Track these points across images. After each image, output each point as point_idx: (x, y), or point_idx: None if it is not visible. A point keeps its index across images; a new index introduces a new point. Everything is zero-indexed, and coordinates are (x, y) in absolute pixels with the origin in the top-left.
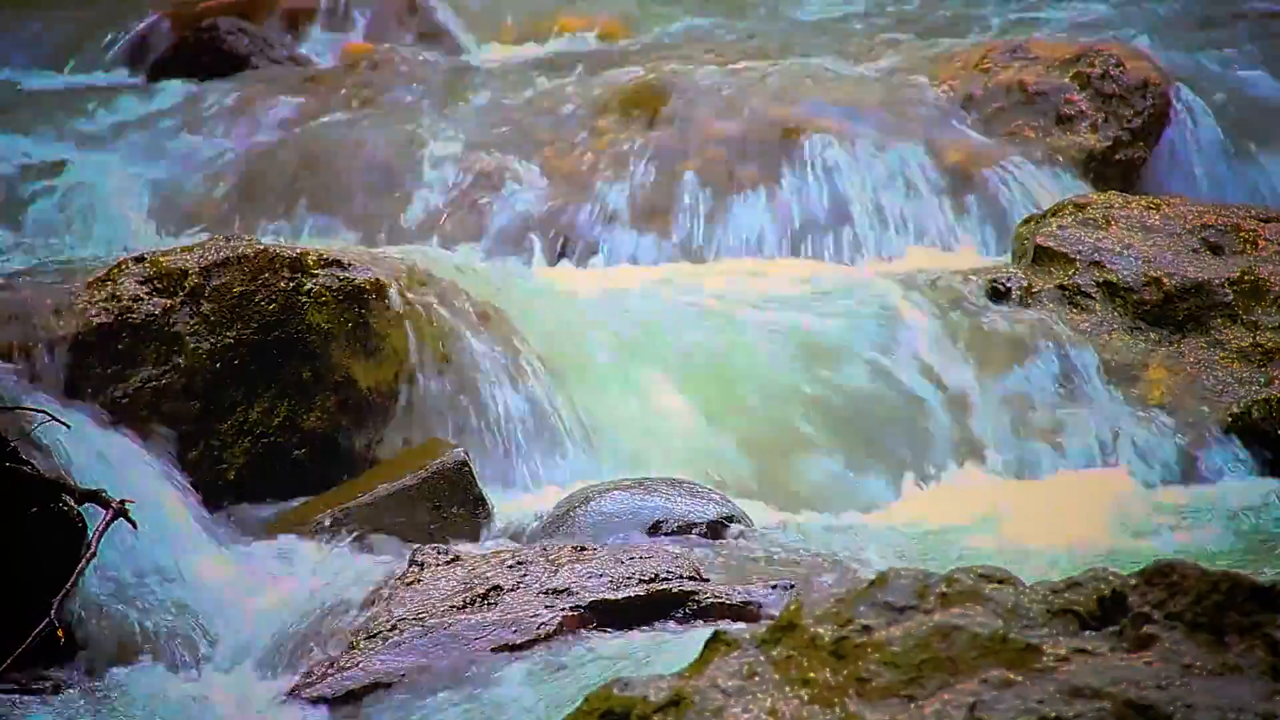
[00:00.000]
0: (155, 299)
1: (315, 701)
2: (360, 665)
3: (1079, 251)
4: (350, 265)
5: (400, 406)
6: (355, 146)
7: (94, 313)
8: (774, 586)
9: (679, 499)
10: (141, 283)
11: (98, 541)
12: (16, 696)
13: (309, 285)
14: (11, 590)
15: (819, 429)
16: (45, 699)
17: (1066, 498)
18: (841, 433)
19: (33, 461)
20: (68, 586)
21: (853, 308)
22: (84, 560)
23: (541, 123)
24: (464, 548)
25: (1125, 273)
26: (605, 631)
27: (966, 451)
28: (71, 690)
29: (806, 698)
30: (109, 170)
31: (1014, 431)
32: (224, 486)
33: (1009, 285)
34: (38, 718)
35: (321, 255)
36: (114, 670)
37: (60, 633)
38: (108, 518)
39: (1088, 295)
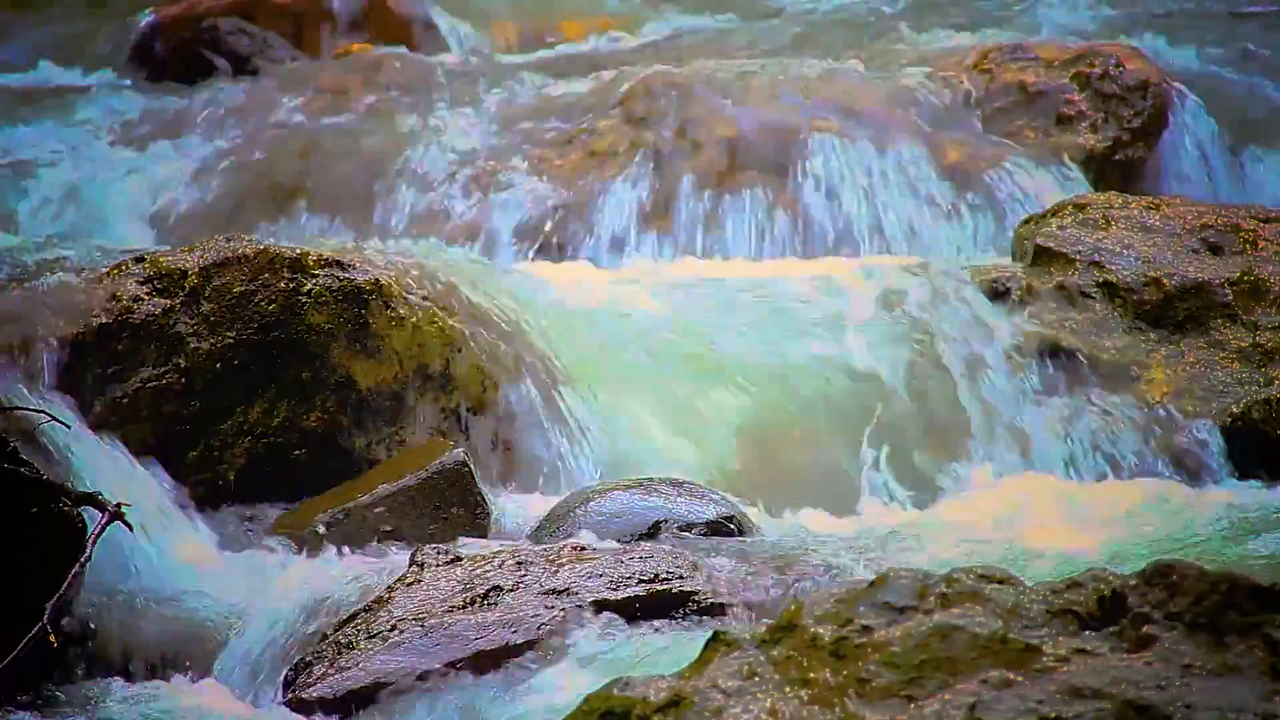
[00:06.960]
0: (155, 299)
1: (315, 701)
2: (360, 665)
3: (1079, 252)
4: (350, 265)
5: (400, 406)
6: (355, 146)
7: (94, 313)
8: (774, 586)
9: (679, 499)
10: (141, 283)
11: (93, 544)
12: (10, 701)
13: (309, 285)
14: (6, 593)
15: (819, 429)
16: (39, 704)
17: (1066, 498)
18: (841, 433)
19: (31, 462)
20: (62, 590)
21: (852, 308)
22: (79, 563)
23: (541, 123)
24: (464, 548)
25: (1125, 273)
26: (605, 632)
27: (966, 452)
28: (66, 694)
29: (806, 698)
30: (109, 171)
31: (1013, 432)
32: (224, 487)
33: (1009, 285)
34: None
35: (321, 255)
36: (111, 673)
37: (54, 637)
38: (104, 520)
39: (1087, 295)
